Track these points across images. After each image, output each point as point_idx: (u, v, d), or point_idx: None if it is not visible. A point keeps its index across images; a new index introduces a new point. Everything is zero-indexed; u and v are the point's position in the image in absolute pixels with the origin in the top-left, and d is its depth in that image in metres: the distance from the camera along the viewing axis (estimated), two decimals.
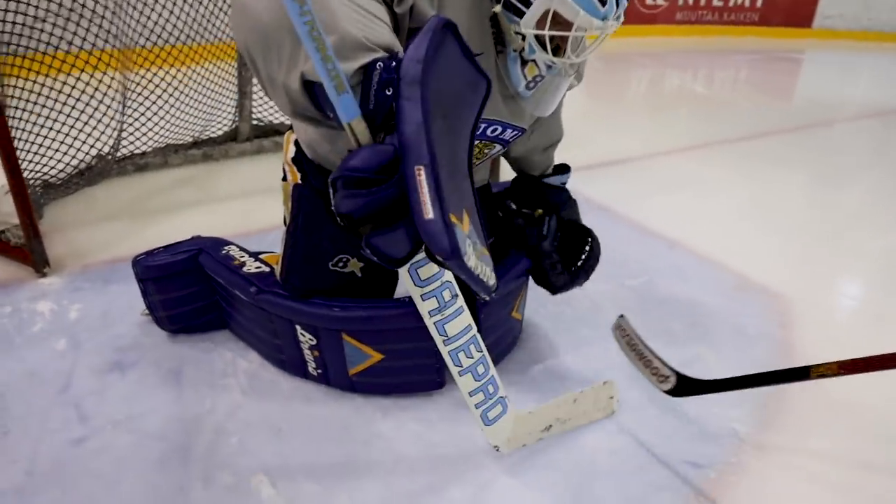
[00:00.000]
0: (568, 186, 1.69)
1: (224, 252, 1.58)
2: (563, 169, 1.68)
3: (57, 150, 2.36)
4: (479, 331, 1.24)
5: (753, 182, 3.13)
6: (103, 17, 2.41)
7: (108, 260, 2.05)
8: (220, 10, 2.88)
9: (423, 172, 0.79)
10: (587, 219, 1.70)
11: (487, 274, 0.92)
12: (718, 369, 1.61)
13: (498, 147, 1.45)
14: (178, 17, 2.80)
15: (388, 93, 0.86)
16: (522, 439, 1.33)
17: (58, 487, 1.21)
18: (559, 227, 1.59)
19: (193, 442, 1.33)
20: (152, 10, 2.72)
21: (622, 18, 1.16)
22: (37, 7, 2.18)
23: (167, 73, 2.75)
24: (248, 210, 2.47)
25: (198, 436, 1.35)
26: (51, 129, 2.31)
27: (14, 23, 2.11)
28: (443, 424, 1.40)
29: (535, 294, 1.68)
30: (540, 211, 1.60)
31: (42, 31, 2.23)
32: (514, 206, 1.63)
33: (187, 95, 2.83)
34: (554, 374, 1.59)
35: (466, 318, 1.18)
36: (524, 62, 1.23)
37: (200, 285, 1.59)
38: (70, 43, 2.36)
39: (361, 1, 0.95)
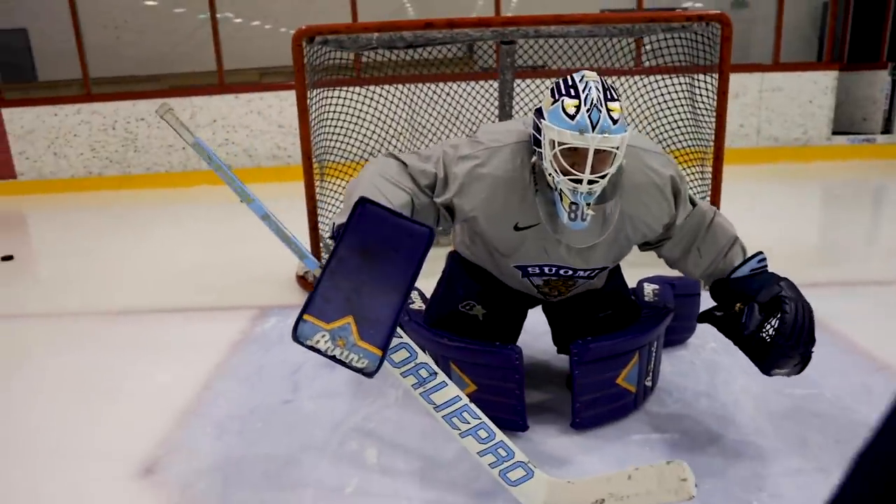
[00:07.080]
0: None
1: None
2: (753, 256, 1.64)
3: None
4: (573, 385, 1.65)
5: None
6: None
7: None
8: None
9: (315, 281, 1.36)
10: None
11: (354, 360, 1.30)
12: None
13: (582, 281, 1.74)
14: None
15: None
16: None
17: (263, 422, 1.88)
18: (762, 310, 1.52)
19: (346, 420, 1.87)
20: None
21: (609, 135, 1.31)
22: (357, 133, 3.23)
23: None
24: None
25: (350, 416, 1.89)
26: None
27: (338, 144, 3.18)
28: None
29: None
30: (739, 305, 1.57)
31: (350, 147, 3.27)
32: (717, 313, 1.62)
33: None
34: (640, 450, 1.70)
35: (451, 390, 1.41)
36: (562, 196, 1.42)
37: None
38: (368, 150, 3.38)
39: (388, 179, 1.55)
